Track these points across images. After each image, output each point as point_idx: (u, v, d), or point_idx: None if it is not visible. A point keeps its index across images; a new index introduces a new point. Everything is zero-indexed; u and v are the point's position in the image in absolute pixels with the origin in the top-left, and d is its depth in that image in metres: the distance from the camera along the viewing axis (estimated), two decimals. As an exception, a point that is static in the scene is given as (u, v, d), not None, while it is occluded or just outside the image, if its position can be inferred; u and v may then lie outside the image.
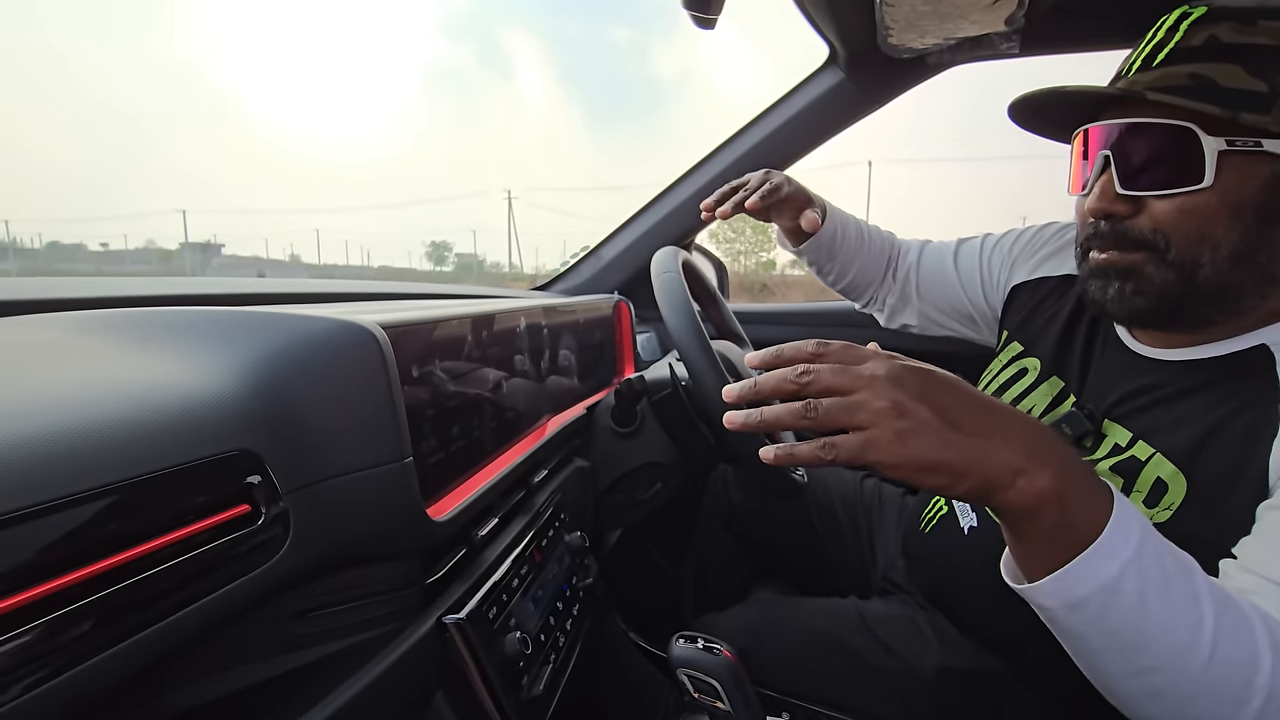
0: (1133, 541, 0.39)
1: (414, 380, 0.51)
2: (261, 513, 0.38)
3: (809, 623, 0.81)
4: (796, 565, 1.08)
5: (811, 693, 0.76)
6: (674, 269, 0.84)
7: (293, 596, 0.43)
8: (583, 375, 0.99)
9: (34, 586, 0.27)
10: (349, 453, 0.42)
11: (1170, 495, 0.53)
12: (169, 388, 0.37)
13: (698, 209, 1.29)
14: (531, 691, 0.54)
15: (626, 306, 1.20)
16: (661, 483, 0.93)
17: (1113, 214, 0.56)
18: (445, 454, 0.54)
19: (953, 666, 0.72)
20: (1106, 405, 0.62)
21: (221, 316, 0.44)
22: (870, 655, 0.75)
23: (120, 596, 0.31)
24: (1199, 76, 0.51)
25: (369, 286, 0.91)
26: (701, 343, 0.77)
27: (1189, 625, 0.39)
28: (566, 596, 0.68)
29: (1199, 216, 0.52)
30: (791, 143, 1.18)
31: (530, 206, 63.95)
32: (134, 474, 0.32)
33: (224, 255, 66.98)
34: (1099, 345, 0.68)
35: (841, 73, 1.10)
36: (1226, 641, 0.39)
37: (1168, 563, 0.40)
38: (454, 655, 0.50)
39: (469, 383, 0.60)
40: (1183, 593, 0.39)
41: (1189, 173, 0.52)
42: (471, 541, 0.57)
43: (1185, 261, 0.53)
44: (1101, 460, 0.60)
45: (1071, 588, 0.40)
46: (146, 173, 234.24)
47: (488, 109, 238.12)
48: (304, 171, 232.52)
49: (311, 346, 0.42)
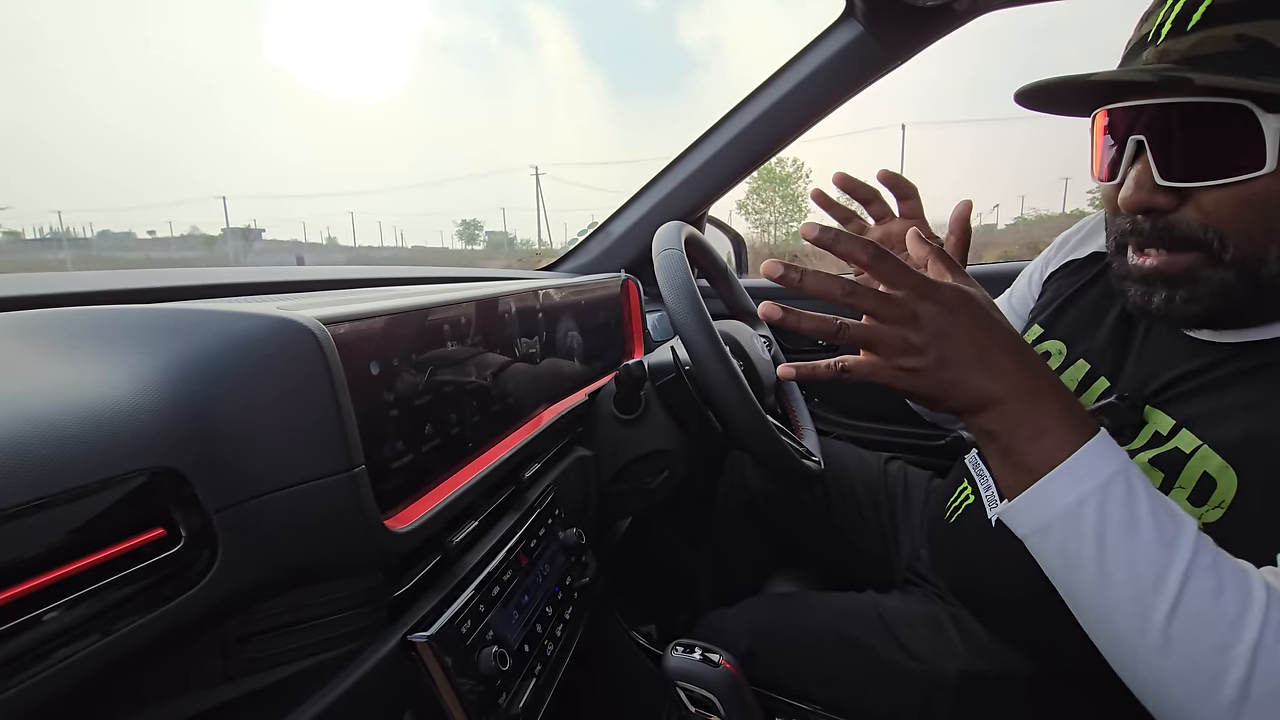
0: (1098, 477, 0.41)
1: (375, 378, 0.46)
2: (181, 535, 0.34)
3: (823, 621, 0.76)
4: (817, 554, 1.04)
5: (824, 696, 0.71)
6: (675, 245, 0.79)
7: (236, 621, 0.40)
8: (587, 359, 0.94)
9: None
10: (287, 465, 0.38)
11: (1220, 492, 0.46)
12: (77, 400, 0.33)
13: (709, 179, 1.23)
14: (511, 710, 0.51)
15: (635, 285, 1.15)
16: (669, 471, 0.88)
17: (1153, 208, 0.47)
18: (413, 457, 0.50)
19: (977, 670, 0.66)
20: (1150, 391, 0.55)
21: (148, 316, 0.40)
22: (888, 656, 0.70)
23: (13, 633, 0.27)
24: (1247, 39, 0.42)
25: (359, 273, 0.88)
26: (703, 323, 0.71)
27: (1153, 572, 0.40)
28: (558, 599, 0.65)
29: (1261, 207, 0.44)
30: (807, 106, 1.09)
31: (558, 182, 63.64)
32: (31, 496, 0.28)
33: (264, 240, 68.43)
34: (1141, 326, 0.60)
35: (860, 25, 1.00)
36: (1202, 597, 0.39)
37: (1141, 509, 0.41)
38: (422, 675, 0.47)
39: (448, 376, 0.56)
40: (1153, 540, 0.40)
41: (1246, 158, 0.43)
42: (446, 548, 0.53)
43: (1247, 259, 0.45)
44: (1140, 452, 0.53)
45: (1036, 509, 0.43)
46: (186, 160, 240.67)
47: (514, 85, 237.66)
48: (336, 155, 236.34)
49: (240, 347, 0.38)
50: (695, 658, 0.55)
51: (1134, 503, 0.41)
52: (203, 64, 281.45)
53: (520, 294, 0.73)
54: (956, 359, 0.44)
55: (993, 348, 0.44)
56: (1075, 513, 0.41)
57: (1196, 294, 0.48)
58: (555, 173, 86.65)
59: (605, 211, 1.43)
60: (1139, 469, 0.43)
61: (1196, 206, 0.46)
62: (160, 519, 0.34)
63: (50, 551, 0.29)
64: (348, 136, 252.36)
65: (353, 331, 0.44)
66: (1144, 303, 0.51)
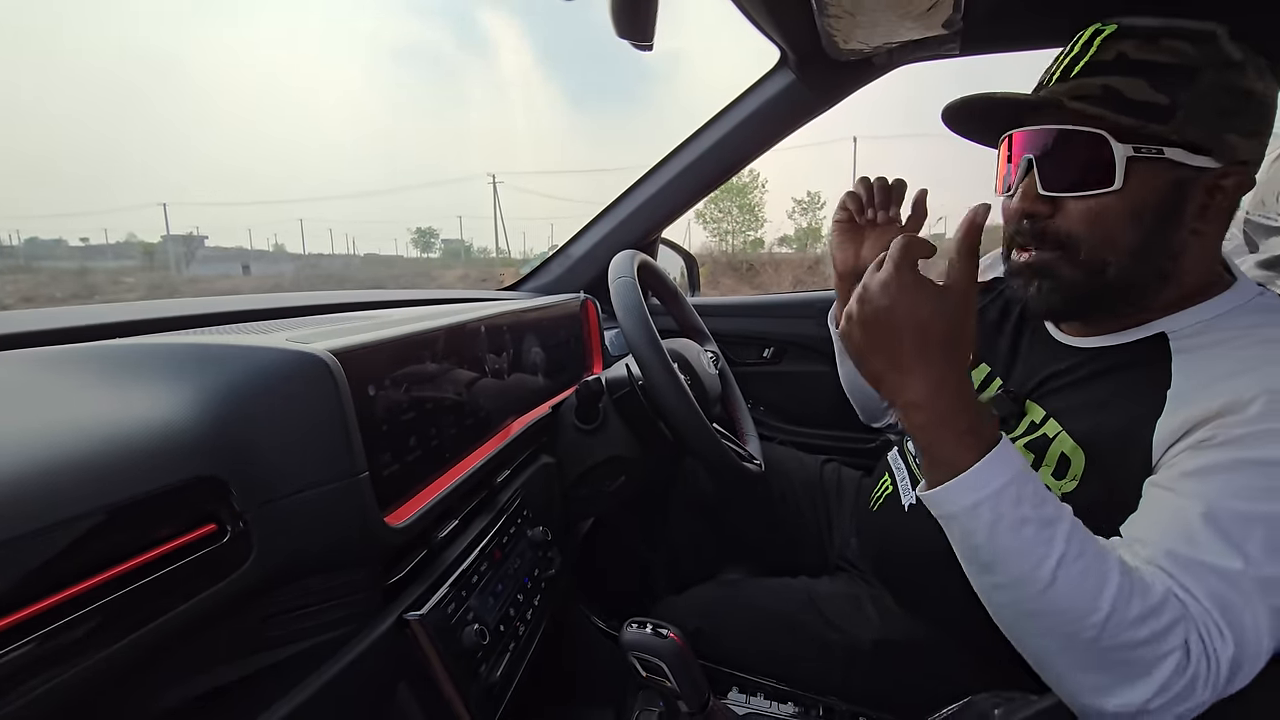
0: (994, 485, 0.50)
1: (371, 398, 0.55)
2: (227, 530, 0.42)
3: (761, 602, 0.87)
4: (761, 546, 1.14)
5: (762, 667, 0.82)
6: (628, 274, 0.89)
7: (260, 602, 0.47)
8: (550, 374, 1.03)
9: (27, 606, 0.32)
10: (305, 471, 0.47)
11: (1074, 469, 0.60)
12: (135, 422, 0.41)
13: (660, 207, 1.34)
14: (490, 678, 0.60)
15: (593, 305, 1.24)
16: (625, 475, 0.98)
17: (1034, 214, 0.62)
18: (405, 464, 0.59)
19: (888, 638, 0.78)
20: (1029, 388, 0.69)
21: (181, 350, 0.48)
22: (815, 630, 0.81)
23: (103, 610, 0.35)
24: (1109, 88, 0.57)
25: (336, 298, 0.95)
26: (653, 344, 0.81)
27: (1033, 559, 0.49)
28: (528, 588, 0.74)
29: (1107, 218, 0.58)
30: (748, 142, 1.22)
31: (516, 191, 63.80)
32: (107, 501, 0.36)
33: (208, 247, 65.99)
34: (1027, 336, 0.75)
35: (792, 74, 1.13)
36: (1071, 580, 0.48)
37: (1026, 511, 0.50)
38: (415, 649, 0.55)
39: (429, 394, 0.64)
40: (1035, 535, 0.49)
41: (1101, 176, 0.57)
42: (431, 543, 0.62)
43: (1093, 261, 0.59)
44: (1021, 437, 0.66)
45: (943, 504, 0.53)
46: (125, 167, 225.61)
47: (470, 93, 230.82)
48: (285, 160, 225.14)
49: (267, 376, 0.47)
50: (647, 631, 0.65)
51: (1020, 506, 0.50)
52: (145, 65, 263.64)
53: (492, 318, 0.82)
54: (874, 352, 0.54)
55: (907, 360, 0.53)
56: (972, 512, 0.51)
57: (1057, 285, 0.62)
58: (513, 181, 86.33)
59: (563, 220, 1.52)
60: (1031, 476, 0.52)
61: (1064, 215, 0.60)
62: (210, 516, 0.42)
63: (135, 540, 0.37)
64: (297, 142, 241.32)
65: (353, 359, 0.53)
66: (1023, 293, 0.65)
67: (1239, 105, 0.55)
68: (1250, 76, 0.55)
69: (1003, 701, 0.61)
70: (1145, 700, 0.47)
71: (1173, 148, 0.55)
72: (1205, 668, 0.46)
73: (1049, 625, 0.50)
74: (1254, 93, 0.55)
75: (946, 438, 0.53)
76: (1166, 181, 0.56)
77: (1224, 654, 0.46)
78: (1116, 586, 0.47)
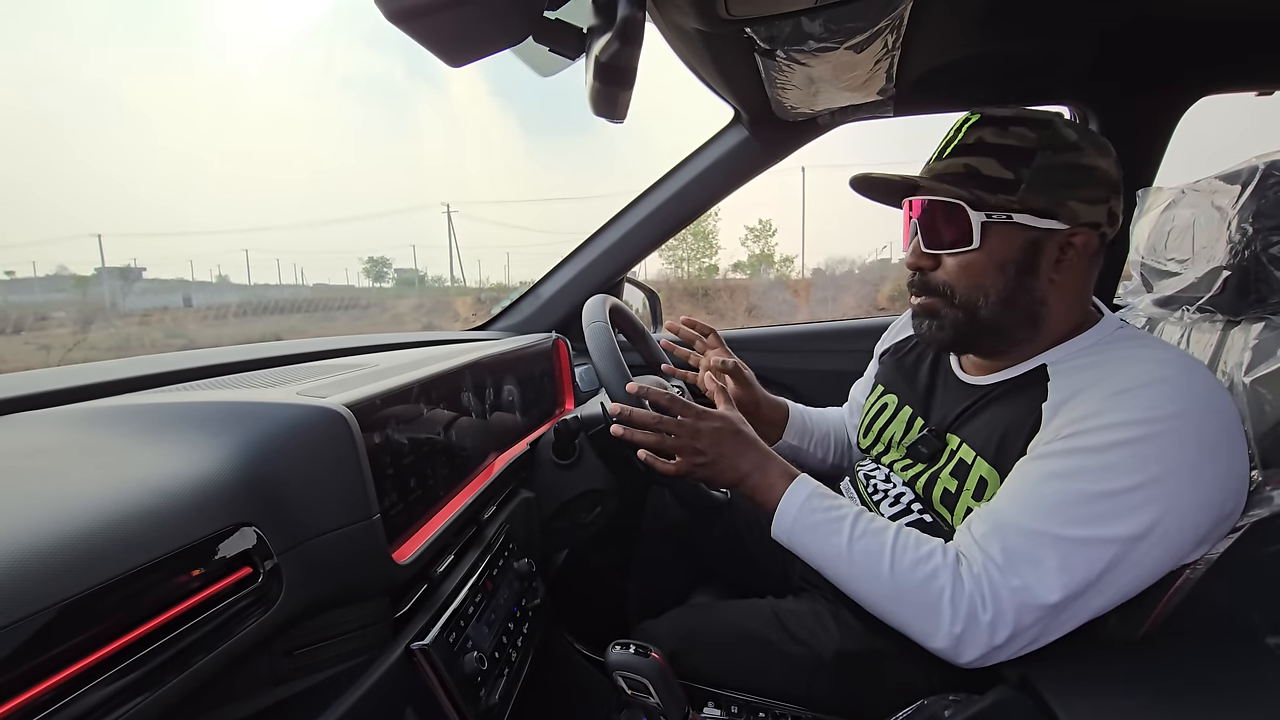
0: (788, 517, 0.73)
1: (378, 445, 0.60)
2: (261, 571, 0.47)
3: (731, 622, 0.93)
4: (728, 571, 1.21)
5: (734, 681, 0.88)
6: (601, 319, 0.96)
7: (284, 637, 0.52)
8: (525, 411, 1.09)
9: (88, 655, 0.36)
10: (327, 516, 0.52)
11: (991, 488, 0.71)
12: (179, 475, 0.46)
13: (624, 252, 1.43)
14: (489, 701, 0.65)
15: (564, 344, 1.31)
16: (600, 507, 1.04)
17: (921, 267, 0.76)
18: (406, 504, 0.64)
19: (848, 650, 0.85)
20: (947, 424, 0.80)
21: (212, 409, 0.53)
22: (781, 645, 0.88)
23: (156, 653, 0.39)
24: (970, 166, 0.70)
25: (318, 345, 0.99)
26: (625, 384, 0.88)
27: (835, 545, 0.70)
28: (517, 617, 0.79)
29: (973, 271, 0.72)
30: (702, 194, 1.32)
31: (471, 220, 63.39)
32: (157, 554, 0.41)
33: (145, 280, 63.45)
34: (940, 379, 0.88)
35: (745, 131, 1.24)
36: (862, 549, 0.68)
37: (819, 517, 0.72)
38: (421, 677, 0.60)
39: (425, 438, 0.70)
40: (831, 529, 0.71)
41: (964, 238, 0.71)
42: (431, 578, 0.67)
43: (968, 304, 0.73)
44: (944, 467, 0.77)
45: (779, 533, 0.75)
46: (54, 197, 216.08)
47: (422, 122, 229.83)
48: (229, 190, 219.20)
49: (291, 430, 0.52)
50: (631, 651, 0.70)
51: (814, 514, 0.72)
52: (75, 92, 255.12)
53: (474, 363, 0.88)
54: (724, 457, 0.78)
55: (741, 448, 0.78)
56: (790, 530, 0.73)
57: (942, 324, 0.76)
58: (468, 210, 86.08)
59: (518, 249, 1.58)
60: (823, 492, 0.75)
61: (943, 269, 0.74)
62: (245, 560, 0.46)
63: (184, 584, 0.42)
64: (241, 171, 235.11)
65: (363, 410, 0.58)
66: (920, 331, 0.79)
67: (1078, 178, 0.69)
68: (1090, 154, 0.69)
69: (951, 704, 0.69)
70: (948, 631, 0.63)
71: (1021, 214, 0.69)
72: (981, 602, 0.61)
73: (866, 587, 0.68)
74: (1095, 168, 0.69)
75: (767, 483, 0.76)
76: (1022, 240, 0.70)
77: (1002, 585, 0.61)
78: (892, 543, 0.67)
